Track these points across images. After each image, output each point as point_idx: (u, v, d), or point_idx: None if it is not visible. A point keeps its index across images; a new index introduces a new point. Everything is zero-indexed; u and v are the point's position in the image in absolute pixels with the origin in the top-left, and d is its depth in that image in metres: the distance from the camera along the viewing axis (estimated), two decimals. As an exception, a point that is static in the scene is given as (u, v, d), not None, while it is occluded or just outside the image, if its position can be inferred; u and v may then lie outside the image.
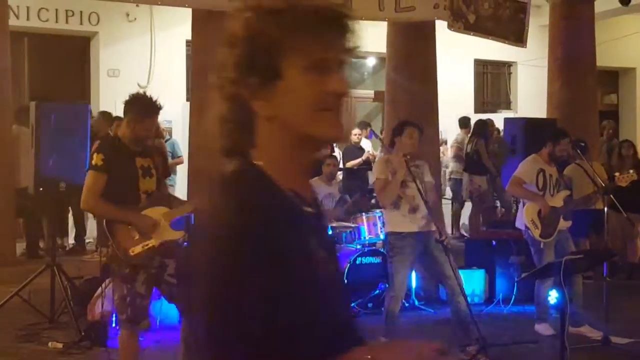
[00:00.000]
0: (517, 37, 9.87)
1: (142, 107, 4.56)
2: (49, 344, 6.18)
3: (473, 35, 9.88)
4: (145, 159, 4.59)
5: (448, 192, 12.53)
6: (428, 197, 6.00)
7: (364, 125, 12.87)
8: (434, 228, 6.00)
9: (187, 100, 10.80)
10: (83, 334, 6.21)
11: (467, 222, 11.93)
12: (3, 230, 8.74)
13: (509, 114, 14.96)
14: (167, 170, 4.79)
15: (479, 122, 11.69)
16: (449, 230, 11.44)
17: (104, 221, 4.44)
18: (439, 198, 6.35)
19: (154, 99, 4.60)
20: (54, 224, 8.56)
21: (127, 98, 4.63)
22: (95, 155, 4.48)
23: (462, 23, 9.53)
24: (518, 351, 6.06)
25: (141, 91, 4.70)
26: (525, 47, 10.37)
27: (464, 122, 12.87)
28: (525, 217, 6.73)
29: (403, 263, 5.99)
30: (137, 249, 4.42)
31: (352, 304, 7.46)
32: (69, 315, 6.70)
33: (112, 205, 4.42)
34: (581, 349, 5.84)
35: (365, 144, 12.54)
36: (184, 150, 10.29)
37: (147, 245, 4.44)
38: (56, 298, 6.93)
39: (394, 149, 6.15)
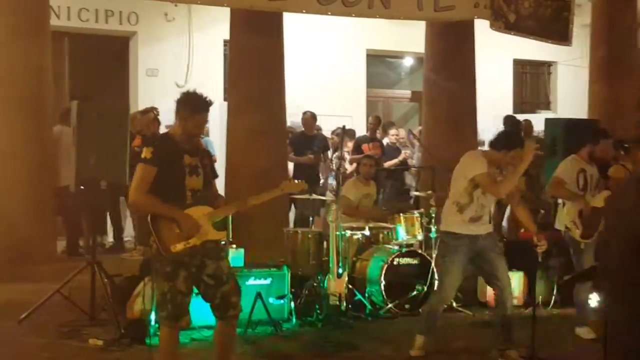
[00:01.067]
0: (561, 36, 9.75)
1: (193, 103, 4.60)
2: (90, 340, 6.24)
3: (514, 34, 9.79)
4: (193, 157, 4.62)
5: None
6: (513, 199, 5.97)
7: (389, 125, 12.80)
8: (491, 230, 5.91)
9: (225, 100, 10.86)
10: (123, 331, 6.26)
11: (505, 224, 11.79)
12: (44, 229, 8.85)
13: (549, 115, 14.77)
14: (215, 172, 4.83)
15: (513, 121, 11.51)
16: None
17: (149, 217, 4.46)
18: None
19: (204, 96, 4.65)
20: (94, 222, 8.65)
21: (178, 97, 4.67)
22: (145, 149, 4.52)
23: (503, 22, 9.45)
24: (560, 356, 5.97)
25: (189, 89, 4.72)
26: (571, 45, 10.23)
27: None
28: (566, 218, 6.64)
29: (456, 264, 5.87)
30: (179, 246, 4.44)
31: (390, 305, 7.43)
32: (109, 312, 6.75)
33: (158, 200, 4.45)
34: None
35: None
36: (221, 149, 10.33)
37: (189, 243, 4.47)
38: (96, 295, 7.00)
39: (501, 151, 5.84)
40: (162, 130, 10.88)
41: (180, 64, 13.44)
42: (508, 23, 9.51)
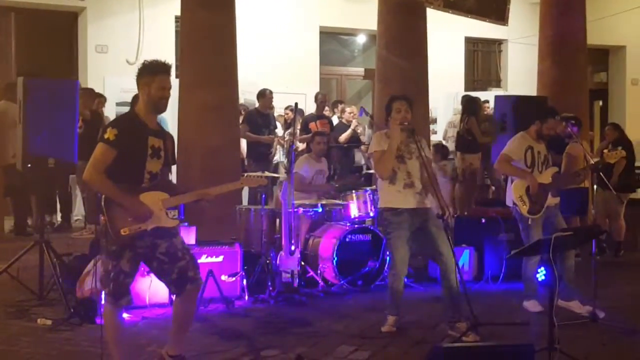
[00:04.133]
0: (499, 15, 9.84)
1: (151, 66, 4.53)
2: (38, 320, 6.16)
3: (452, 13, 9.83)
4: (158, 139, 4.56)
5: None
6: (425, 172, 6.01)
7: (338, 102, 12.86)
8: (429, 205, 5.98)
9: (177, 77, 10.75)
10: (72, 310, 6.20)
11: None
12: (-9, 207, 8.70)
13: (499, 92, 14.95)
14: (174, 158, 4.75)
15: (469, 99, 11.64)
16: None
17: (102, 197, 4.40)
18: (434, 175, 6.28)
19: (162, 60, 4.59)
20: (42, 201, 8.52)
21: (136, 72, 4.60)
22: (109, 130, 4.43)
23: (442, 0, 9.46)
24: (507, 329, 6.08)
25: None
26: (507, 25, 10.33)
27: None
28: (513, 194, 6.75)
29: (401, 239, 5.97)
30: (128, 230, 4.39)
31: (342, 282, 7.49)
32: (58, 292, 6.68)
33: (112, 185, 4.38)
34: (569, 325, 5.87)
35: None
36: (173, 127, 10.24)
37: (139, 228, 4.42)
38: (45, 275, 6.91)
39: (389, 127, 6.14)
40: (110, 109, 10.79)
41: (131, 41, 13.25)
42: (447, 1, 9.54)
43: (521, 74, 15.85)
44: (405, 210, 5.98)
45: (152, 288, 6.44)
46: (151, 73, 4.51)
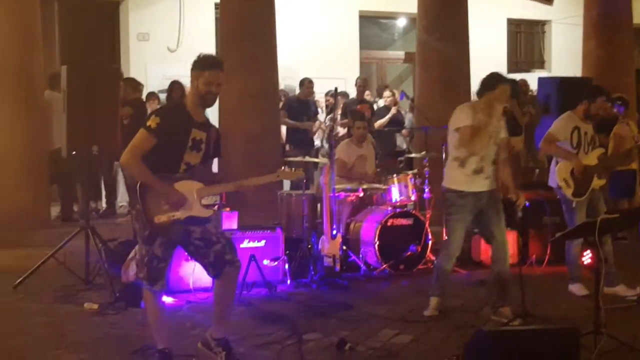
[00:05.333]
0: None
1: (201, 61, 4.53)
2: (85, 305, 6.28)
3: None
4: (202, 132, 4.57)
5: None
6: (500, 155, 5.88)
7: (383, 88, 12.79)
8: (494, 187, 5.84)
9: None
10: (118, 295, 6.30)
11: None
12: (38, 194, 8.85)
13: (543, 74, 14.73)
14: (219, 150, 4.75)
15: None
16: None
17: (138, 184, 4.45)
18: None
19: (214, 55, 4.59)
20: (87, 187, 8.64)
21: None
22: (152, 117, 4.47)
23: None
24: (552, 312, 6.01)
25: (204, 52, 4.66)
26: (552, 6, 10.16)
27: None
28: (557, 176, 6.64)
29: (461, 222, 5.89)
30: (163, 217, 4.43)
31: (384, 266, 7.48)
32: (103, 277, 6.79)
33: (148, 170, 4.42)
34: (616, 308, 5.79)
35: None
36: (213, 115, 10.30)
37: (173, 216, 4.45)
38: (91, 260, 7.03)
39: (482, 100, 5.86)
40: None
41: (172, 28, 13.33)
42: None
43: (565, 55, 15.58)
44: (471, 193, 5.84)
45: (195, 272, 6.50)
46: (200, 68, 4.51)
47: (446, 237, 6.46)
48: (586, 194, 6.56)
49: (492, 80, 5.83)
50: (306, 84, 10.99)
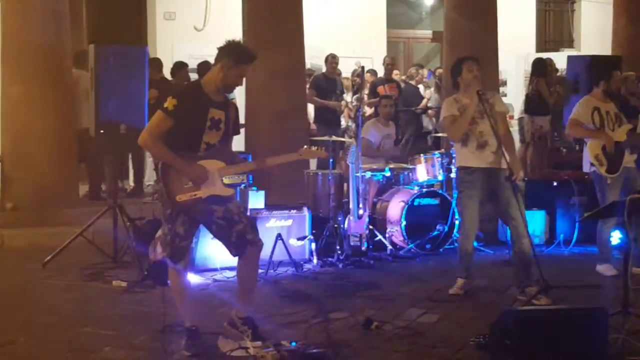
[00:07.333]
0: None
1: (240, 53, 4.50)
2: (113, 282, 6.34)
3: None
4: (220, 111, 4.56)
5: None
6: (500, 128, 5.87)
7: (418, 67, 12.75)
8: (504, 166, 5.80)
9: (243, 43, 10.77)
10: (146, 273, 6.34)
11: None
12: (66, 173, 8.92)
13: (572, 53, 14.53)
14: (238, 128, 4.74)
15: (538, 61, 11.32)
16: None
17: (160, 163, 4.46)
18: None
19: (250, 49, 4.57)
20: (115, 166, 8.70)
21: (221, 44, 4.57)
22: (169, 99, 4.45)
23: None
24: (580, 292, 5.97)
25: (234, 39, 4.61)
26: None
27: None
28: (590, 154, 6.58)
29: (472, 199, 5.92)
30: (184, 196, 4.44)
31: (410, 245, 7.47)
32: (131, 255, 6.84)
33: (166, 149, 4.43)
34: (645, 289, 5.73)
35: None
36: (240, 93, 10.31)
37: (194, 195, 4.46)
38: (119, 239, 7.09)
39: (458, 89, 6.07)
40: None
41: (198, 7, 13.34)
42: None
43: (595, 34, 15.36)
44: (479, 169, 5.90)
45: (222, 251, 6.51)
46: (235, 60, 4.47)
47: (460, 217, 6.47)
48: (619, 170, 6.52)
49: (457, 64, 6.16)
50: (330, 60, 10.94)
